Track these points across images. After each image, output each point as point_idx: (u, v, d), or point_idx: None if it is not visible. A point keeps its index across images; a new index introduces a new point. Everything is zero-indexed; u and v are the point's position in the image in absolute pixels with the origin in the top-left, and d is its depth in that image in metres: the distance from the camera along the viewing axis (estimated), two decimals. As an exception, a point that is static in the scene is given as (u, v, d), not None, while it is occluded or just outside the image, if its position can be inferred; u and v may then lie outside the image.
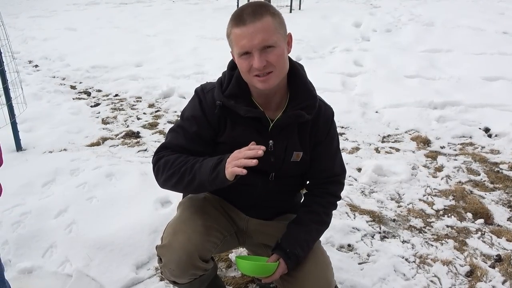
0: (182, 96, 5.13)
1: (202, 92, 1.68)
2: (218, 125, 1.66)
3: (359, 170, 3.53)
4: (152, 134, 4.22)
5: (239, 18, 1.48)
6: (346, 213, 2.95)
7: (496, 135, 4.16)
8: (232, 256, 2.46)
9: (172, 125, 1.75)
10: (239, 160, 1.38)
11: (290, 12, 10.33)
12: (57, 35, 8.67)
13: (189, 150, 1.65)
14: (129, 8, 11.51)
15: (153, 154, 1.72)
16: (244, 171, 1.36)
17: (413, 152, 3.87)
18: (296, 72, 1.64)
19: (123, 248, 2.44)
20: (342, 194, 1.91)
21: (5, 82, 3.58)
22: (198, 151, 1.66)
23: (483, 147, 3.96)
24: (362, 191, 3.24)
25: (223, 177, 1.43)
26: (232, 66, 1.68)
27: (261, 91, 1.58)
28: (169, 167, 1.58)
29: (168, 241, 1.64)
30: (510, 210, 3.03)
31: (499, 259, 2.53)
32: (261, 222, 1.85)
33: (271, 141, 1.65)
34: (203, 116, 1.65)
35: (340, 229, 2.73)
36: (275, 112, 1.66)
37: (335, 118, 1.80)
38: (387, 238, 2.72)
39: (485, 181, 3.41)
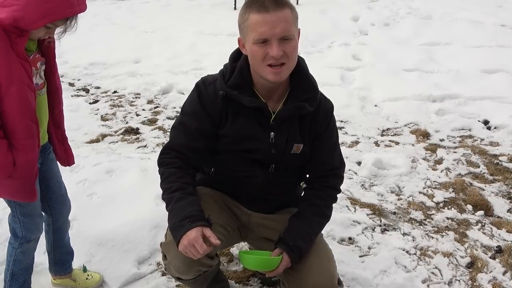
0: (181, 92, 5.12)
1: (204, 85, 1.68)
2: (219, 117, 1.66)
3: (359, 163, 3.54)
4: (152, 130, 4.22)
5: (261, 4, 1.48)
6: (347, 206, 2.96)
7: (495, 127, 4.16)
8: (233, 250, 2.47)
9: (173, 120, 1.77)
10: (189, 250, 1.47)
11: (288, 6, 10.29)
12: (55, 33, 8.62)
13: (191, 147, 1.68)
14: (126, 4, 11.45)
15: (153, 150, 1.75)
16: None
17: (413, 145, 3.87)
18: (298, 65, 1.64)
19: (124, 244, 2.45)
20: (342, 187, 1.91)
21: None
22: (200, 147, 1.69)
23: (482, 140, 3.96)
24: (362, 185, 3.25)
25: (177, 241, 1.52)
26: (235, 57, 1.68)
27: (267, 82, 1.58)
28: (163, 182, 1.67)
29: (173, 238, 1.64)
30: (510, 202, 3.04)
31: (499, 250, 2.54)
32: (263, 216, 1.86)
33: (272, 133, 1.66)
34: (202, 110, 1.66)
35: (341, 222, 2.73)
36: (276, 104, 1.66)
37: (334, 112, 1.81)
38: (388, 230, 2.73)
39: (484, 173, 3.41)
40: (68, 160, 1.99)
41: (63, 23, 1.59)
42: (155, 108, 4.82)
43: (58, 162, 2.00)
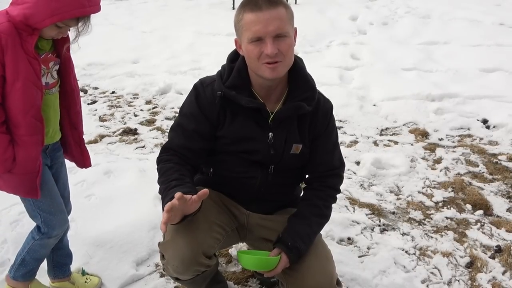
0: (179, 92, 5.10)
1: (202, 86, 1.68)
2: (217, 119, 1.66)
3: (358, 163, 3.53)
4: (150, 131, 4.20)
5: (255, 3, 1.50)
6: (346, 206, 2.95)
7: (494, 126, 4.16)
8: (232, 251, 2.46)
9: (172, 120, 1.77)
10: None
11: (286, 6, 10.27)
12: (53, 33, 8.60)
13: (189, 148, 1.68)
14: (124, 4, 11.43)
15: (151, 150, 1.75)
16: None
17: (412, 144, 3.87)
18: (296, 65, 1.65)
19: (122, 245, 2.44)
20: (341, 187, 1.91)
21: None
22: (198, 148, 1.69)
23: (481, 139, 3.96)
24: (361, 184, 3.24)
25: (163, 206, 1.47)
26: (232, 58, 1.68)
27: (265, 82, 1.58)
28: (160, 177, 1.65)
29: (171, 238, 1.63)
30: (509, 201, 3.04)
31: (499, 249, 2.53)
32: (261, 216, 1.85)
33: (270, 133, 1.66)
34: (200, 112, 1.66)
35: (340, 222, 2.72)
36: (274, 105, 1.67)
37: (333, 112, 1.80)
38: (387, 230, 2.72)
39: (484, 172, 3.41)
40: (84, 162, 1.99)
41: (74, 23, 1.61)
42: (153, 108, 4.81)
43: (74, 164, 2.00)
